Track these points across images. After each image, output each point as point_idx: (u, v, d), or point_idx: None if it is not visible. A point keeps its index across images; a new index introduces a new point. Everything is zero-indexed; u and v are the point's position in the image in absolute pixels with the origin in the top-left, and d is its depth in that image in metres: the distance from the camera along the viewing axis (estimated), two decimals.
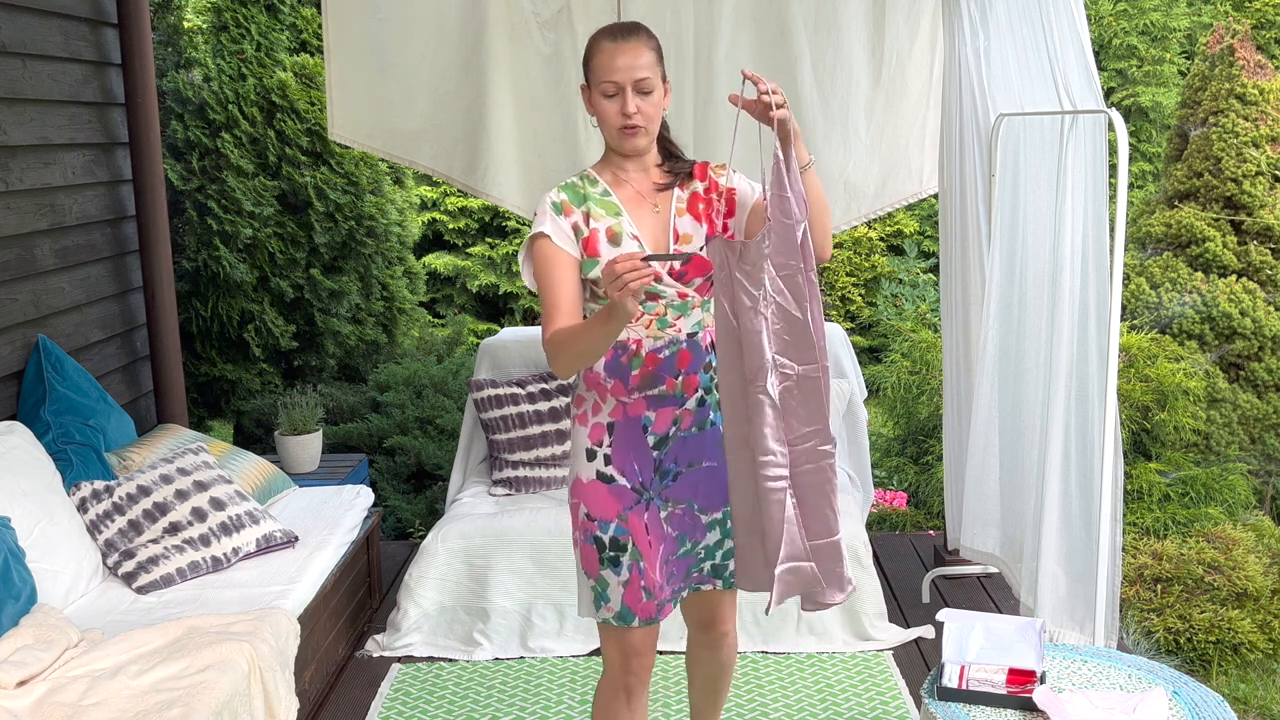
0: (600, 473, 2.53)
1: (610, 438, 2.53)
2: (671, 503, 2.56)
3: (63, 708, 2.54)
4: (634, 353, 2.48)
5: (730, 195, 2.52)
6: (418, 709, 3.56)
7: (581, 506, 2.55)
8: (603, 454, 2.53)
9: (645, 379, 2.48)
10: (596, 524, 2.52)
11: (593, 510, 2.53)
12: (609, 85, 2.40)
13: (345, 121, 4.43)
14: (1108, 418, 3.08)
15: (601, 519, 2.52)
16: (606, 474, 2.53)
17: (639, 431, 2.52)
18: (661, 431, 2.52)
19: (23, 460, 3.35)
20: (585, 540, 2.55)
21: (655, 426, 2.52)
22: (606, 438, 2.53)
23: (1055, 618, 3.32)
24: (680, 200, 2.50)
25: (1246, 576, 4.26)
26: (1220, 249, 5.73)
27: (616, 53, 2.39)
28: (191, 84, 6.06)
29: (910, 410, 5.83)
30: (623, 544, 2.51)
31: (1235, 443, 5.52)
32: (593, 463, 2.54)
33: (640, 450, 2.52)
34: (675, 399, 2.52)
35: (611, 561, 2.52)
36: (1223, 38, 5.94)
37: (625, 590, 2.51)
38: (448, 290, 8.90)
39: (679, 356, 2.48)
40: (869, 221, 7.84)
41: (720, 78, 4.32)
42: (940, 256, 4.10)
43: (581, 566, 2.58)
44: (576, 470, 2.58)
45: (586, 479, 2.55)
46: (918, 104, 4.41)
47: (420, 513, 5.37)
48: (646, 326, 2.47)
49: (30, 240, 3.91)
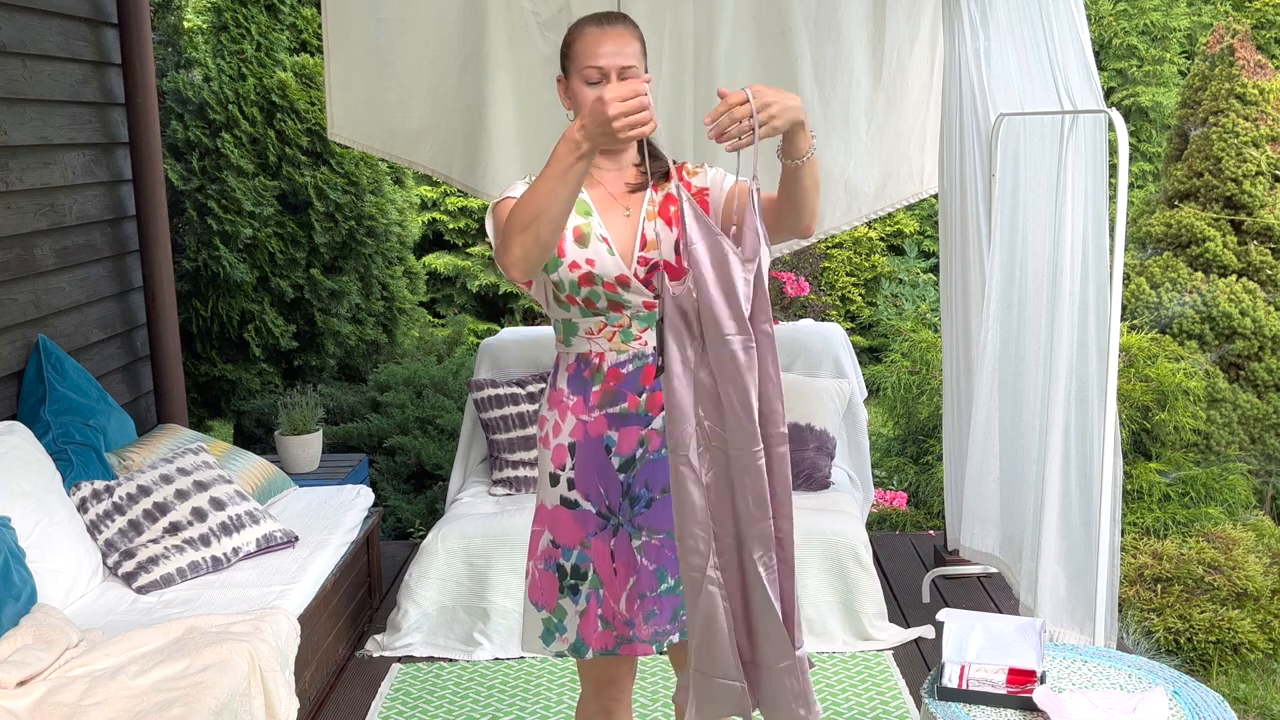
0: (564, 498, 2.38)
1: (573, 460, 2.36)
2: (646, 532, 2.36)
3: (63, 708, 2.54)
4: (596, 367, 2.34)
5: (703, 194, 2.37)
6: (418, 709, 3.56)
7: (546, 533, 2.41)
8: (566, 478, 2.37)
9: (606, 395, 2.33)
10: (560, 550, 2.38)
11: (558, 537, 2.39)
12: (592, 71, 2.25)
13: (345, 121, 4.43)
14: (1108, 418, 3.08)
15: (565, 545, 2.38)
16: (570, 499, 2.38)
17: (602, 452, 2.35)
18: (627, 453, 2.34)
19: (23, 460, 3.35)
20: (546, 568, 2.40)
21: (619, 447, 2.34)
22: (569, 460, 2.37)
23: (1055, 618, 3.32)
24: (653, 204, 2.35)
25: (1246, 576, 4.26)
26: (1220, 249, 5.73)
27: (602, 38, 2.25)
28: (191, 84, 6.06)
29: (910, 410, 5.83)
30: (583, 571, 2.37)
31: (1235, 443, 5.52)
32: (556, 488, 2.39)
33: (605, 473, 2.35)
34: (640, 418, 2.34)
35: (571, 590, 2.38)
36: (1223, 38, 5.93)
37: (581, 620, 2.37)
38: (448, 290, 8.90)
39: (643, 372, 2.33)
40: (869, 221, 7.84)
41: (720, 78, 4.32)
42: (940, 256, 4.10)
43: (531, 597, 2.42)
44: (541, 496, 2.44)
45: (550, 505, 2.40)
46: (918, 104, 4.41)
47: (420, 513, 5.37)
48: (610, 339, 2.33)
49: (30, 240, 3.91)
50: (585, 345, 2.35)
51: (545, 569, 2.40)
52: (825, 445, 4.31)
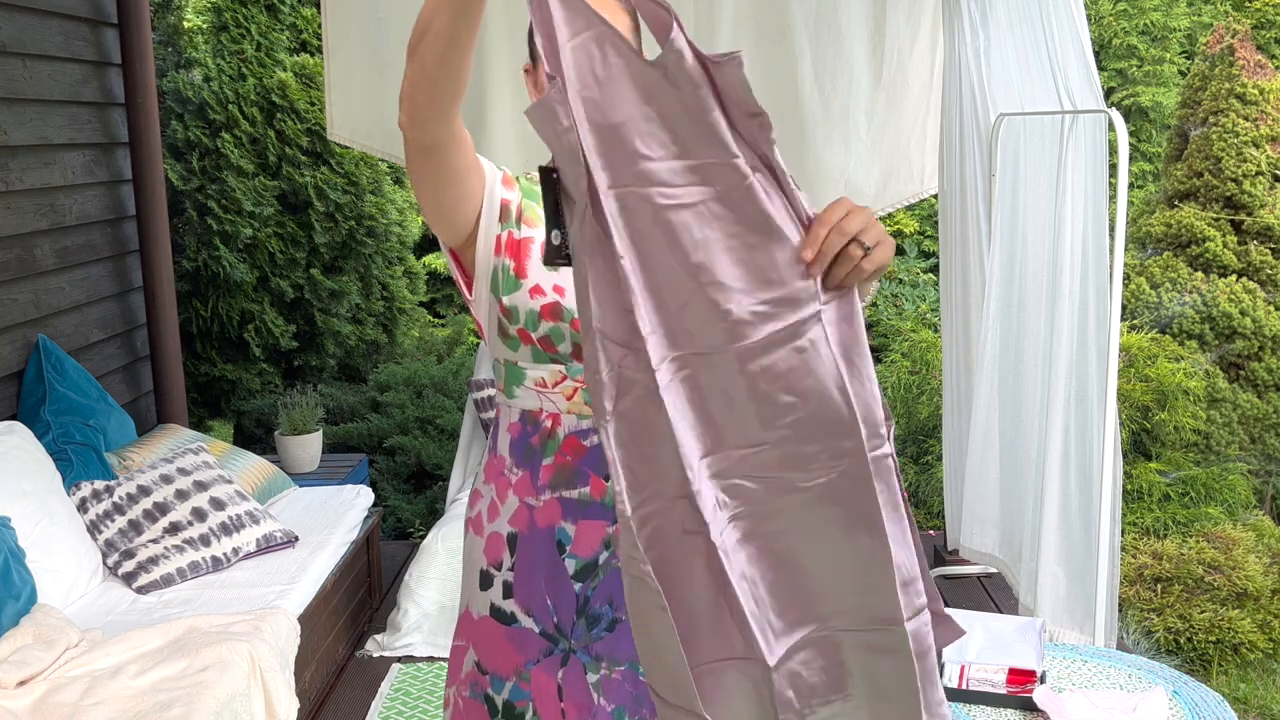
0: (496, 608, 1.79)
1: (512, 557, 1.77)
2: (606, 663, 1.79)
3: (63, 708, 2.54)
4: (547, 432, 1.75)
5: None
6: (418, 709, 3.56)
7: (470, 651, 1.83)
8: (502, 581, 1.78)
9: (561, 474, 1.74)
10: (488, 679, 1.80)
11: (485, 661, 1.80)
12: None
13: (345, 121, 4.43)
14: (1108, 418, 3.08)
15: (494, 674, 1.79)
16: (505, 611, 1.78)
17: (552, 550, 1.76)
18: (586, 555, 1.76)
19: (23, 460, 3.35)
20: (471, 697, 1.82)
21: (575, 546, 1.76)
22: (507, 557, 1.78)
23: (1055, 618, 3.32)
24: None
25: (1246, 576, 4.26)
26: (1220, 249, 5.73)
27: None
28: (191, 84, 6.06)
29: (910, 410, 5.83)
30: (519, 712, 1.78)
31: (1235, 443, 5.52)
32: (486, 592, 1.80)
33: (555, 579, 1.77)
34: (605, 509, 1.74)
35: None
36: (1223, 37, 5.94)
37: None
38: (448, 290, 8.90)
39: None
40: None
41: None
42: (940, 256, 4.10)
43: None
44: (466, 599, 1.85)
45: (478, 614, 1.82)
46: (918, 104, 4.41)
47: (420, 513, 5.37)
48: (569, 397, 1.74)
49: (30, 240, 3.91)
50: (534, 401, 1.76)
51: (470, 698, 1.83)
52: None
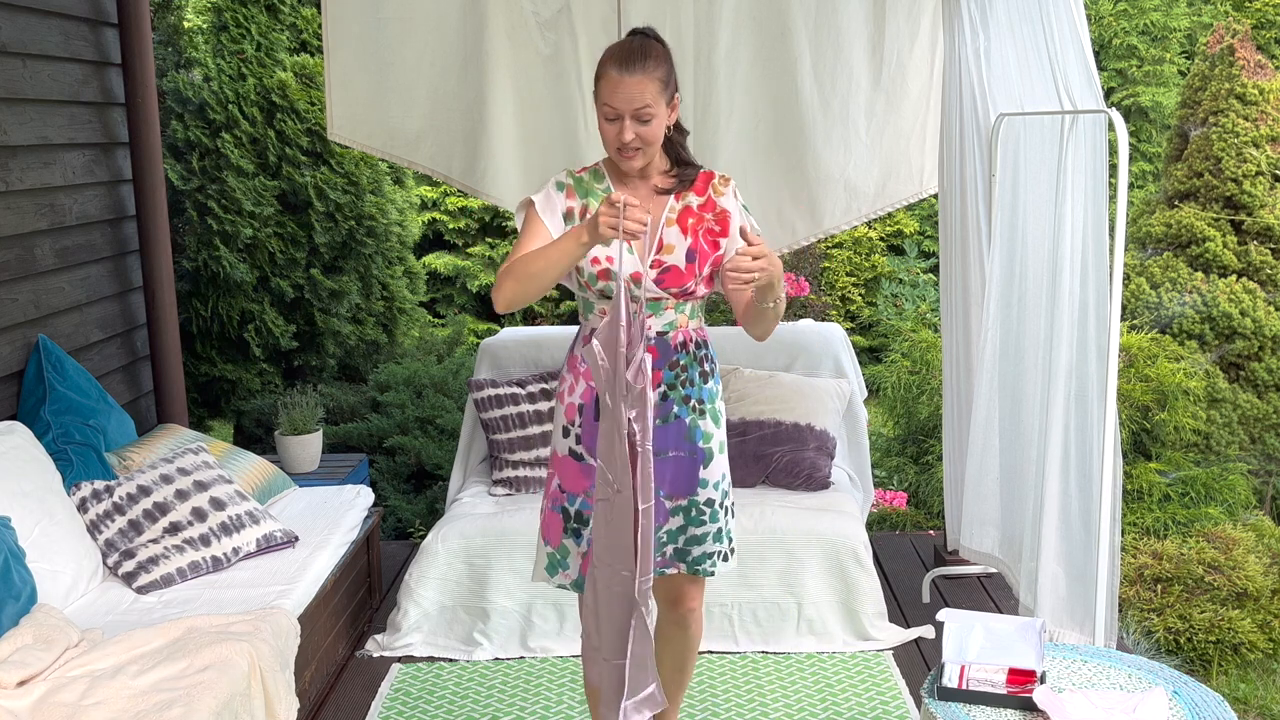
0: (572, 450, 2.71)
1: (580, 419, 2.69)
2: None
3: (63, 708, 2.54)
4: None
5: (724, 216, 2.67)
6: (418, 709, 3.56)
7: (556, 478, 2.74)
8: (575, 433, 2.70)
9: None
10: (566, 496, 2.71)
11: (564, 483, 2.72)
12: (609, 109, 2.52)
13: (345, 121, 4.43)
14: (1107, 418, 3.08)
15: (570, 492, 2.71)
16: (577, 452, 2.70)
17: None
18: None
19: (23, 460, 3.35)
20: (553, 509, 2.73)
21: None
22: (578, 418, 2.69)
23: (1055, 618, 3.32)
24: (673, 210, 2.65)
25: (1246, 576, 4.26)
26: (1220, 249, 5.73)
27: (620, 85, 2.49)
28: (191, 84, 6.06)
29: (910, 410, 5.83)
30: (586, 518, 2.69)
31: (1235, 443, 5.53)
32: (566, 439, 2.71)
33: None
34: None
35: (574, 533, 2.71)
36: (1223, 38, 5.94)
37: (584, 560, 2.69)
38: (448, 290, 8.91)
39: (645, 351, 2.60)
40: (869, 221, 7.85)
41: (720, 78, 4.32)
42: (940, 256, 4.10)
43: (542, 534, 2.76)
44: (554, 444, 2.76)
45: (561, 453, 2.73)
46: (918, 104, 4.41)
47: (420, 513, 5.37)
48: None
49: (30, 240, 3.91)
50: (598, 322, 2.64)
51: (553, 510, 2.74)
52: (825, 445, 4.31)
